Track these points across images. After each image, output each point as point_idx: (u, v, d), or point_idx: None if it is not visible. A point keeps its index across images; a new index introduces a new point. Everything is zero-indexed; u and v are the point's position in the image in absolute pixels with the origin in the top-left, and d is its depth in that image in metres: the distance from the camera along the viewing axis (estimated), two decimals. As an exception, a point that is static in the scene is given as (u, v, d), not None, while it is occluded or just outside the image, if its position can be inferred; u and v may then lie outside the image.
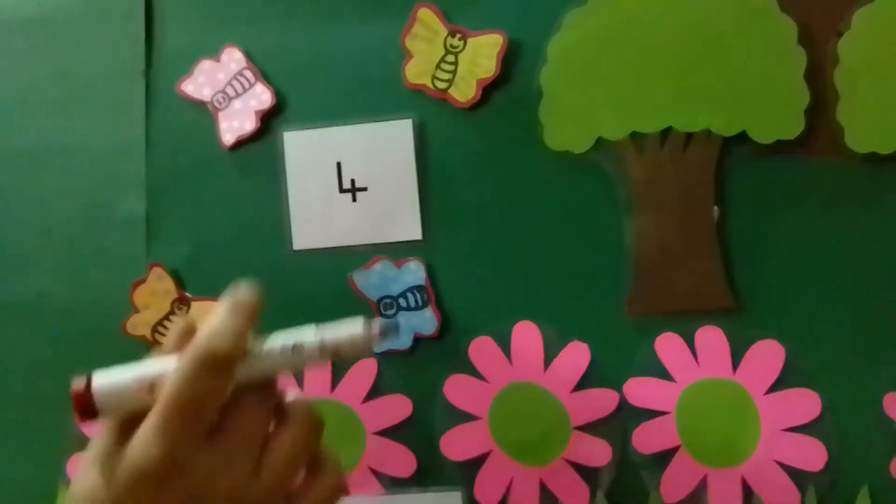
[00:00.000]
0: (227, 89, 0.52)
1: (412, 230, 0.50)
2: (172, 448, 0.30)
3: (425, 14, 0.49)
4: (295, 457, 0.33)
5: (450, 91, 0.49)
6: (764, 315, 0.47)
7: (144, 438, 0.30)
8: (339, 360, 0.39)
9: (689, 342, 0.47)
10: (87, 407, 0.32)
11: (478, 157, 0.49)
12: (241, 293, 0.34)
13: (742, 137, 0.46)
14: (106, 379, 0.32)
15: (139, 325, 0.52)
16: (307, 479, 0.34)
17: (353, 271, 0.50)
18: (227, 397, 0.32)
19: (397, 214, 0.50)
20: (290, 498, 0.33)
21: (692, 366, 0.47)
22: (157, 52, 0.53)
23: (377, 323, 0.34)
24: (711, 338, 0.47)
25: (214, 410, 0.31)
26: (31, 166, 0.54)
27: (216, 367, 0.31)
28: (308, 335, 0.34)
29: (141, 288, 0.52)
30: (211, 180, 0.52)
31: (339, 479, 0.34)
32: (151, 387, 0.32)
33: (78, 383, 0.32)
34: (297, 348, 0.33)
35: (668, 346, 0.47)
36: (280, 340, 0.33)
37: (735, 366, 0.47)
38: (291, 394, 0.35)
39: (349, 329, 0.34)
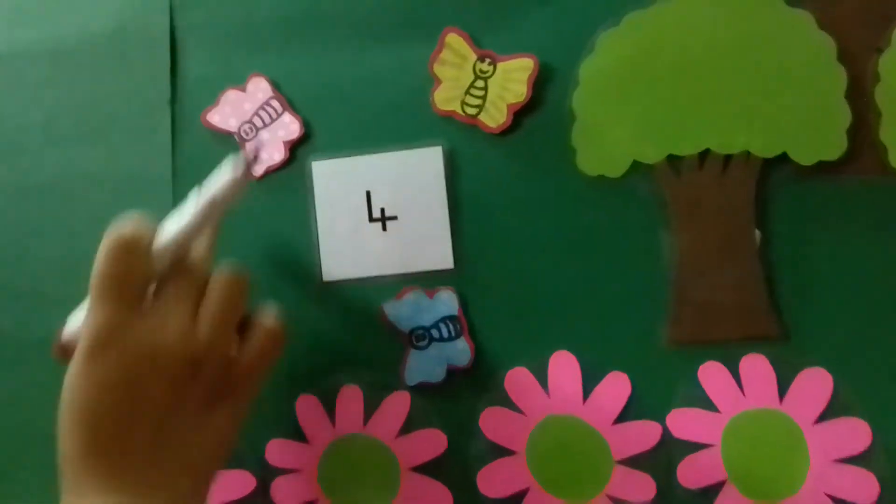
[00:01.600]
0: (254, 119, 0.51)
1: (444, 259, 0.49)
2: (108, 317, 0.36)
3: (454, 39, 0.49)
4: (219, 312, 0.38)
5: (480, 117, 0.48)
6: (810, 342, 0.45)
7: (87, 319, 0.37)
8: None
9: (734, 371, 0.46)
10: (65, 353, 0.39)
11: (510, 183, 0.48)
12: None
13: (782, 159, 0.45)
14: (72, 325, 0.41)
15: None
16: (245, 334, 0.40)
17: (384, 302, 0.49)
18: (158, 275, 0.38)
19: (428, 243, 0.49)
20: (234, 359, 0.39)
21: (737, 396, 0.45)
22: (182, 82, 0.53)
23: (241, 155, 0.39)
24: (756, 366, 0.45)
25: (139, 284, 0.37)
26: (55, 199, 0.54)
27: (127, 247, 0.37)
28: (190, 200, 0.39)
29: (169, 322, 0.51)
30: (239, 211, 0.51)
31: (274, 327, 0.41)
32: None
33: (58, 337, 0.40)
34: (185, 215, 0.39)
35: (711, 375, 0.46)
36: (173, 218, 0.39)
37: (782, 395, 0.45)
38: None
39: (223, 175, 0.39)
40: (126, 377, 0.36)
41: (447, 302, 0.48)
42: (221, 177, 0.39)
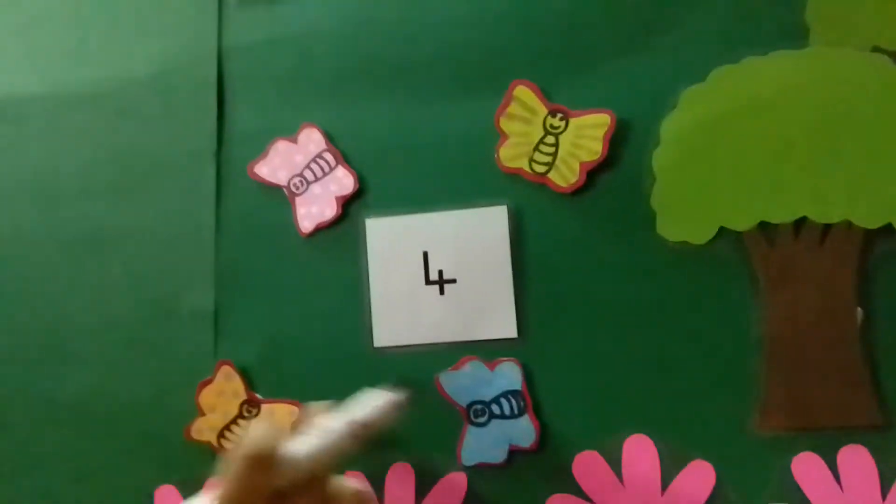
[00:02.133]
0: (305, 173, 0.48)
1: (507, 327, 0.45)
2: None
3: (523, 92, 0.45)
4: None
5: (549, 175, 0.45)
6: (918, 433, 0.41)
7: None
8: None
9: (831, 464, 0.41)
10: None
11: (581, 247, 0.45)
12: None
13: (887, 230, 0.41)
14: None
15: (205, 429, 0.47)
16: None
17: (440, 372, 0.45)
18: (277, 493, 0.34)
19: (490, 310, 0.45)
20: None
21: (834, 492, 0.41)
22: (229, 132, 0.50)
23: (398, 391, 0.38)
24: (856, 459, 0.41)
25: (264, 500, 0.34)
26: (90, 253, 0.50)
27: (260, 464, 0.34)
28: (335, 421, 0.36)
29: (208, 388, 0.47)
30: (286, 270, 0.48)
31: (351, 490, 0.36)
32: None
33: None
34: (328, 435, 0.35)
35: (806, 467, 0.41)
36: (314, 435, 0.35)
37: (885, 492, 0.40)
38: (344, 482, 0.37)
39: (378, 398, 0.37)
40: None
41: (510, 375, 0.44)
42: (376, 400, 0.38)
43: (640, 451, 0.43)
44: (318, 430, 0.36)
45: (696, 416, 0.43)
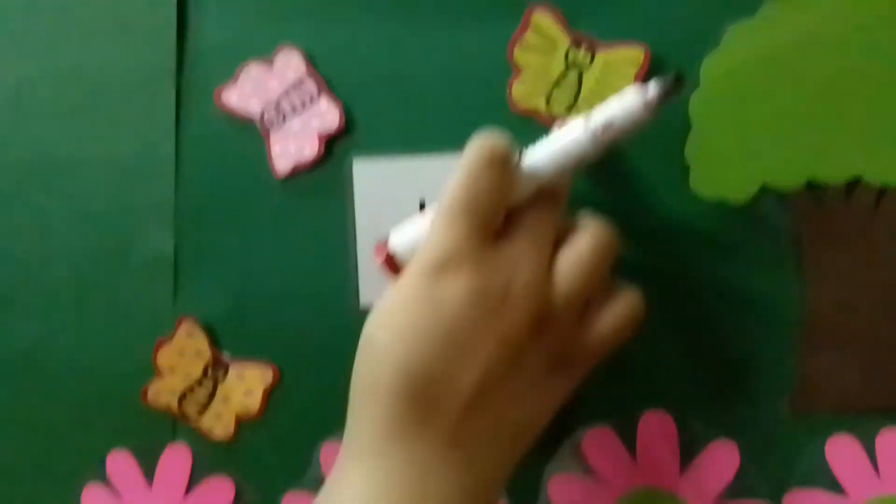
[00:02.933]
0: (281, 103, 0.41)
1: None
2: (461, 241, 0.31)
3: (542, 18, 0.39)
4: (587, 266, 0.32)
5: (570, 118, 0.39)
6: (964, 418, 0.37)
7: (433, 236, 0.32)
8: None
9: (869, 448, 0.38)
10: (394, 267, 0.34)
11: (604, 201, 0.39)
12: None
13: (954, 194, 0.36)
14: (403, 237, 0.34)
15: (163, 392, 0.41)
16: (603, 301, 0.34)
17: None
18: (511, 206, 0.33)
19: (495, 268, 0.40)
20: (583, 320, 0.33)
21: (871, 477, 0.38)
22: (192, 49, 0.42)
23: (655, 85, 0.32)
24: (896, 444, 0.37)
25: (497, 210, 0.32)
26: (29, 187, 0.43)
27: (495, 163, 0.32)
28: (572, 123, 0.33)
29: (166, 347, 0.41)
30: (258, 215, 0.42)
31: (638, 305, 0.34)
32: None
33: (381, 250, 0.34)
34: (563, 138, 0.33)
35: (842, 451, 0.38)
36: (547, 144, 0.33)
37: (923, 478, 0.37)
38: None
39: (622, 102, 0.32)
40: (468, 313, 0.30)
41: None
42: (624, 100, 0.32)
43: (657, 428, 0.39)
44: (553, 135, 0.33)
45: (722, 392, 0.39)
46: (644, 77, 0.38)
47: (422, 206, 0.40)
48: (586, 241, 0.33)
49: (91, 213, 0.43)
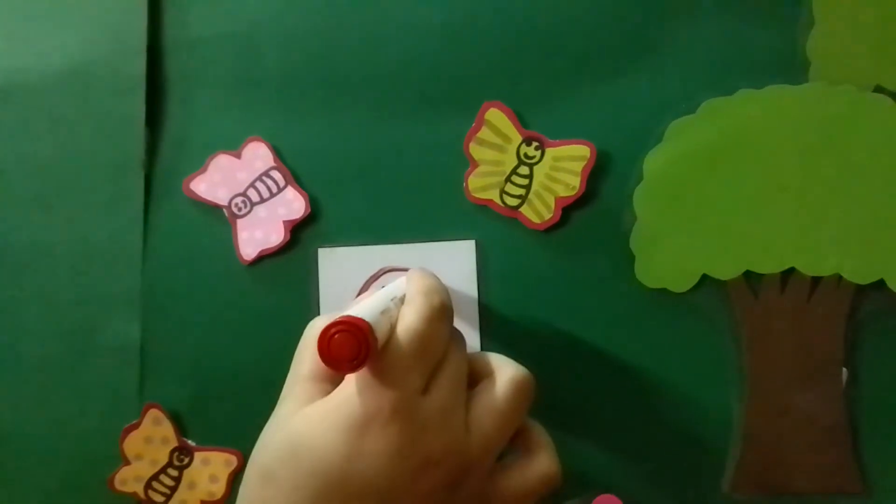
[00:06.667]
0: (249, 192, 0.43)
1: (471, 373, 0.41)
2: (408, 387, 0.29)
3: (496, 116, 0.41)
4: (504, 416, 0.32)
5: (522, 209, 0.41)
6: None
7: (369, 387, 0.29)
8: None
9: (808, 529, 0.39)
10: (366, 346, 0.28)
11: (553, 289, 0.41)
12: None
13: (878, 286, 0.39)
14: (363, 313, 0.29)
15: (129, 480, 0.42)
16: (521, 458, 0.33)
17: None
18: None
19: (452, 353, 0.41)
20: (497, 471, 0.32)
21: (811, 557, 0.39)
22: (163, 142, 0.44)
23: None
24: (834, 524, 0.39)
25: (438, 359, 0.31)
26: (-2, 271, 0.44)
27: (447, 312, 0.32)
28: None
29: (133, 434, 0.42)
30: (223, 301, 0.43)
31: (553, 467, 0.33)
32: (392, 326, 0.31)
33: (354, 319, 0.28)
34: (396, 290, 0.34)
35: (783, 532, 0.39)
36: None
37: (860, 558, 0.39)
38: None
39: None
40: (389, 472, 0.29)
41: (473, 425, 0.41)
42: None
43: (610, 512, 0.40)
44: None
45: (667, 475, 0.40)
46: (589, 172, 0.40)
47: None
48: (503, 390, 0.32)
49: (59, 299, 0.44)
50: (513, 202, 0.41)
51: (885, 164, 0.38)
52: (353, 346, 0.27)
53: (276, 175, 0.43)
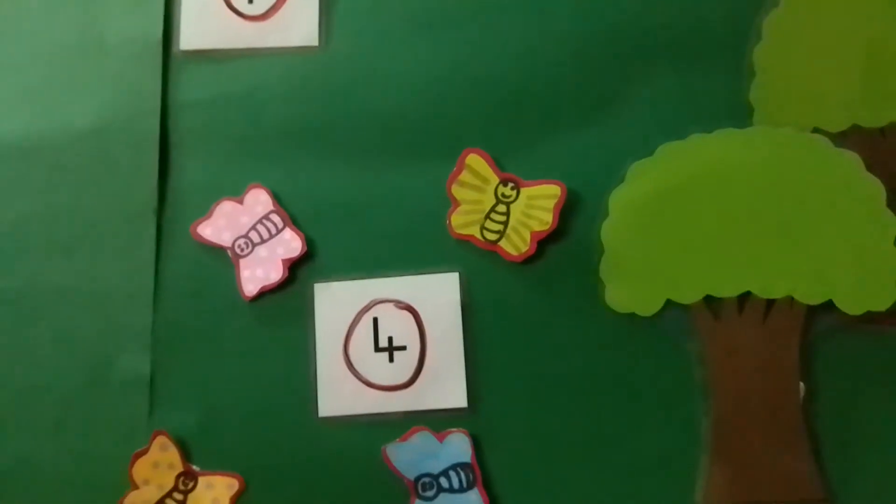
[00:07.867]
0: (250, 234, 0.47)
1: (457, 397, 0.44)
2: None
3: (475, 160, 0.46)
4: None
5: (500, 243, 0.45)
6: (858, 506, 0.41)
7: None
8: None
9: (776, 537, 0.41)
10: None
11: (531, 316, 0.45)
12: None
13: (828, 307, 0.42)
14: None
15: (138, 503, 0.44)
16: None
17: (387, 444, 0.44)
18: None
19: (440, 378, 0.44)
20: None
21: (780, 566, 0.41)
22: (172, 191, 0.48)
23: None
24: (800, 532, 0.41)
25: None
26: (19, 314, 0.48)
27: None
28: None
29: (142, 460, 0.45)
30: (227, 335, 0.46)
31: None
32: None
33: None
34: None
35: (752, 541, 0.41)
36: None
37: (827, 565, 0.41)
38: None
39: None
40: None
41: (459, 446, 0.44)
42: None
43: (588, 526, 0.42)
44: None
45: (641, 490, 0.43)
46: (561, 208, 0.44)
47: (375, 324, 0.45)
48: None
49: (75, 338, 0.47)
50: (492, 237, 0.45)
51: (825, 195, 0.42)
52: None
53: (276, 218, 0.47)
